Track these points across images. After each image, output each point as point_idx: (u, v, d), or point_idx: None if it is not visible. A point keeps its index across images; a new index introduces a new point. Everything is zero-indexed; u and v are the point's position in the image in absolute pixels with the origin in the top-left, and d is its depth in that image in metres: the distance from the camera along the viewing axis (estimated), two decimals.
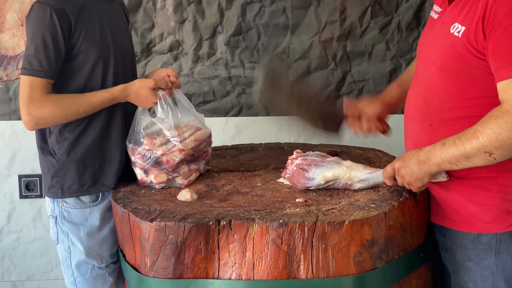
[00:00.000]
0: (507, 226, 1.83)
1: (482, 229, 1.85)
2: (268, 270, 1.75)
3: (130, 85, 2.09)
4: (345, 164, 1.98)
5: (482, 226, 1.85)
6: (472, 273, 1.89)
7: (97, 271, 2.18)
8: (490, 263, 1.86)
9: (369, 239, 1.76)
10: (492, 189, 1.83)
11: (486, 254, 1.86)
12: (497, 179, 1.82)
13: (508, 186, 1.81)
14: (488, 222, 1.84)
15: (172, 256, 1.79)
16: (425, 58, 1.92)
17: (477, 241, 1.86)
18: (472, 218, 1.86)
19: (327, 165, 1.98)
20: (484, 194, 1.84)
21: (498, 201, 1.82)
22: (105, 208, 2.17)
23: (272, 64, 2.60)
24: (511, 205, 1.82)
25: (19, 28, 3.08)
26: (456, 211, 1.89)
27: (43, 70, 1.99)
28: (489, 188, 1.83)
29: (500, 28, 1.67)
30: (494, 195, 1.82)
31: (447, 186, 1.89)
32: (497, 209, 1.83)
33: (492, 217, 1.83)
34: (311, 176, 1.96)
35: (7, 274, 3.33)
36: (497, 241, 1.84)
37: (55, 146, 2.12)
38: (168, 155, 2.08)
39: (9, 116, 3.20)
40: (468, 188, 1.85)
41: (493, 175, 1.82)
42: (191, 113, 2.20)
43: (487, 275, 1.87)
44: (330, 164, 1.98)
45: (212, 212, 1.82)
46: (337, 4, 3.23)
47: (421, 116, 1.91)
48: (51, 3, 2.00)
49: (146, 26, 3.19)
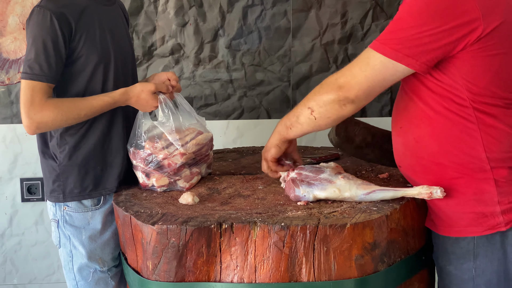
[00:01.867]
0: (484, 230, 1.80)
1: (460, 233, 1.83)
2: (270, 273, 1.75)
3: (130, 89, 2.09)
4: (337, 185, 1.90)
5: (459, 230, 1.83)
6: (453, 277, 1.87)
7: (99, 275, 2.18)
8: (469, 267, 1.83)
9: (371, 242, 1.76)
10: (467, 193, 1.80)
11: (465, 258, 1.83)
12: (471, 183, 1.79)
13: (482, 189, 1.79)
14: (464, 226, 1.82)
15: (174, 259, 1.79)
16: None
17: (456, 245, 1.84)
18: (450, 222, 1.85)
19: (319, 184, 1.91)
20: (459, 198, 1.81)
21: (473, 205, 1.80)
22: (107, 212, 2.17)
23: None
24: (487, 208, 1.79)
25: (21, 31, 3.09)
26: (437, 215, 1.89)
27: (44, 74, 1.99)
28: (464, 192, 1.80)
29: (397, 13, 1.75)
30: (469, 198, 1.80)
31: None
32: (473, 213, 1.80)
33: (468, 221, 1.81)
34: (301, 194, 1.92)
35: (9, 278, 3.33)
36: (475, 245, 1.81)
37: (56, 150, 2.12)
38: (170, 159, 2.08)
39: (11, 120, 3.20)
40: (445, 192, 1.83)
41: (467, 178, 1.79)
42: (193, 116, 2.20)
43: (467, 279, 1.85)
44: (322, 184, 1.91)
45: (214, 215, 1.82)
46: (338, 7, 3.23)
47: (394, 120, 1.93)
48: (51, 7, 2.00)
49: (147, 29, 3.20)
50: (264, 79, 3.28)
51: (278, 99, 3.31)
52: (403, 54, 1.70)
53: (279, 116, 3.31)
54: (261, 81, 3.28)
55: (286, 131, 1.95)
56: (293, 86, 3.29)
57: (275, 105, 3.31)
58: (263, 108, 3.31)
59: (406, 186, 1.97)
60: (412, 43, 1.69)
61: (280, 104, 3.31)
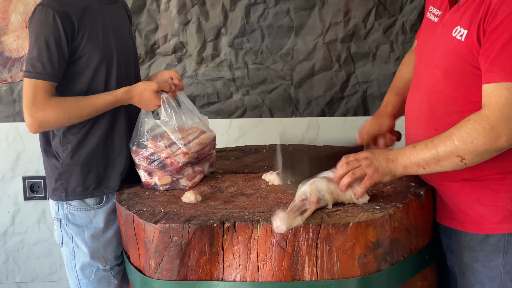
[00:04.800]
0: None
1: (490, 230, 1.85)
2: (272, 272, 1.75)
3: (133, 88, 2.09)
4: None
5: (490, 227, 1.85)
6: (480, 274, 1.89)
7: (102, 273, 2.18)
8: (498, 264, 1.85)
9: (373, 241, 1.76)
10: (500, 190, 1.82)
11: (494, 255, 1.85)
12: (505, 180, 1.82)
13: None
14: (496, 223, 1.84)
15: (176, 258, 1.79)
16: (428, 63, 1.91)
17: (485, 242, 1.86)
18: (481, 219, 1.86)
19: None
20: (492, 195, 1.83)
21: (506, 202, 1.82)
22: (110, 210, 2.17)
23: (286, 146, 2.58)
24: None
25: (23, 30, 3.09)
26: (464, 213, 1.89)
27: (46, 73, 1.99)
28: (497, 189, 1.83)
29: (498, 30, 1.67)
30: (502, 196, 1.82)
31: (455, 188, 1.89)
32: (505, 209, 1.83)
33: (500, 218, 1.83)
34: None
35: (11, 276, 3.33)
36: (505, 241, 1.83)
37: (59, 149, 2.12)
38: (172, 158, 2.08)
39: (13, 118, 3.20)
40: (476, 190, 1.85)
41: (501, 176, 1.82)
42: (195, 115, 2.20)
43: (495, 276, 1.86)
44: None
45: (216, 214, 1.82)
46: (341, 5, 3.22)
47: (426, 121, 1.90)
48: (54, 5, 2.00)
49: (150, 27, 3.19)
50: (266, 77, 3.28)
51: (280, 97, 3.30)
52: None
53: (281, 114, 3.31)
54: (263, 79, 3.28)
55: (415, 169, 1.81)
56: (295, 85, 3.29)
57: (278, 104, 3.31)
58: (265, 106, 3.30)
59: (409, 185, 1.98)
60: None
61: (283, 103, 3.31)
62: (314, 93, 3.30)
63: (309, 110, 3.32)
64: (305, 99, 3.31)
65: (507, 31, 1.66)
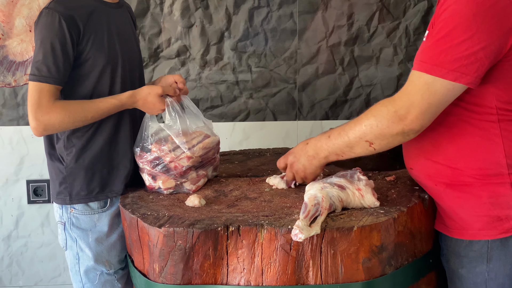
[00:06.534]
0: (498, 233, 1.79)
1: (473, 236, 1.82)
2: (277, 276, 1.75)
3: (137, 92, 2.09)
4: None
5: (473, 233, 1.82)
6: (465, 280, 1.87)
7: (106, 277, 2.18)
8: (482, 270, 1.83)
9: (378, 245, 1.76)
10: (482, 196, 1.79)
11: (478, 262, 1.83)
12: (487, 186, 1.78)
13: (498, 193, 1.78)
14: (479, 229, 1.81)
15: (180, 262, 1.79)
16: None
17: (469, 248, 1.84)
18: (464, 225, 1.84)
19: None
20: (474, 201, 1.80)
21: (488, 208, 1.79)
22: (114, 214, 2.17)
23: None
24: (502, 212, 1.78)
25: (28, 33, 3.09)
26: (449, 217, 1.88)
27: (52, 76, 2.00)
28: (479, 195, 1.79)
29: (437, 26, 1.68)
30: (484, 201, 1.79)
31: (440, 193, 1.87)
32: (488, 216, 1.79)
33: (483, 224, 1.80)
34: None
35: (15, 279, 3.33)
36: (489, 248, 1.81)
37: (63, 153, 2.12)
38: (176, 162, 2.08)
39: (17, 122, 3.21)
40: (459, 195, 1.82)
41: (483, 181, 1.78)
42: (199, 119, 2.20)
43: (480, 282, 1.84)
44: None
45: (220, 218, 1.82)
46: (344, 8, 3.23)
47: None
48: (59, 9, 2.00)
49: (153, 31, 3.20)
50: (270, 81, 3.28)
51: (284, 101, 3.30)
52: (461, 73, 1.64)
53: (285, 118, 3.31)
54: (267, 83, 3.28)
55: (335, 157, 1.88)
56: (299, 88, 3.29)
57: (281, 107, 3.31)
58: (269, 110, 3.31)
59: (414, 188, 1.98)
60: (467, 60, 1.63)
61: (286, 106, 3.31)
62: (318, 97, 3.31)
63: (313, 113, 3.32)
64: (309, 103, 3.31)
65: (438, 25, 1.68)
